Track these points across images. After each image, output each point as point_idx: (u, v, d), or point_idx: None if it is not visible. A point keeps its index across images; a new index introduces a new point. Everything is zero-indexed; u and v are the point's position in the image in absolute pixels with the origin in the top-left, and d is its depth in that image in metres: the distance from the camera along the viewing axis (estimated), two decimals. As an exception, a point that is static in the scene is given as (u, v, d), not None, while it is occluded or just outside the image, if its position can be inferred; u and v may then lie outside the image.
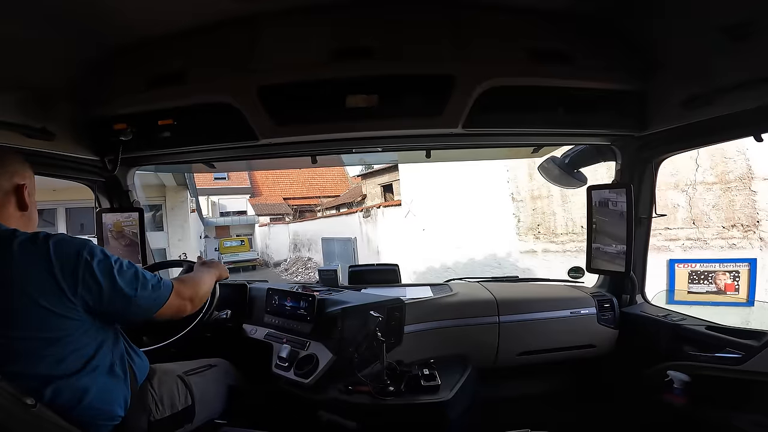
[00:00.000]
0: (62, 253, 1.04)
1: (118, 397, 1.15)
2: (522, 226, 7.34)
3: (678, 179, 5.34)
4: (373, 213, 10.77)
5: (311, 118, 1.62)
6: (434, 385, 1.64)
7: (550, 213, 6.94)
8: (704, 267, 4.79)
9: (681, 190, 5.35)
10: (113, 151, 1.77)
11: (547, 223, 6.99)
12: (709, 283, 4.71)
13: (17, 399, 0.94)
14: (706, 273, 4.76)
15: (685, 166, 5.25)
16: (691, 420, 1.63)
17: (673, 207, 5.38)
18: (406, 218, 9.18)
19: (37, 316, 1.01)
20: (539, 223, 7.10)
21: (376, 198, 16.36)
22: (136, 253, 2.12)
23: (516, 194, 7.44)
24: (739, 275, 4.64)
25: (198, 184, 23.68)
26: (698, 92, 1.43)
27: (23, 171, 1.17)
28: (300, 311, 1.88)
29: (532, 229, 7.20)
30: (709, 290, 4.69)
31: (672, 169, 5.33)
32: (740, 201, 4.93)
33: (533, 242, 7.15)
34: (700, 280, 4.76)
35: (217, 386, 1.60)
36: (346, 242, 12.14)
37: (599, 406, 2.06)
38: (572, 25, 1.58)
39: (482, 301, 2.09)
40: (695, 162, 5.17)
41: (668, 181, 5.34)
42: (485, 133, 1.75)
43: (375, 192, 17.06)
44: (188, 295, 1.31)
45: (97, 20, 1.41)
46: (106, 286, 1.08)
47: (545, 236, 7.01)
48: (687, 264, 4.88)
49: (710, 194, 5.17)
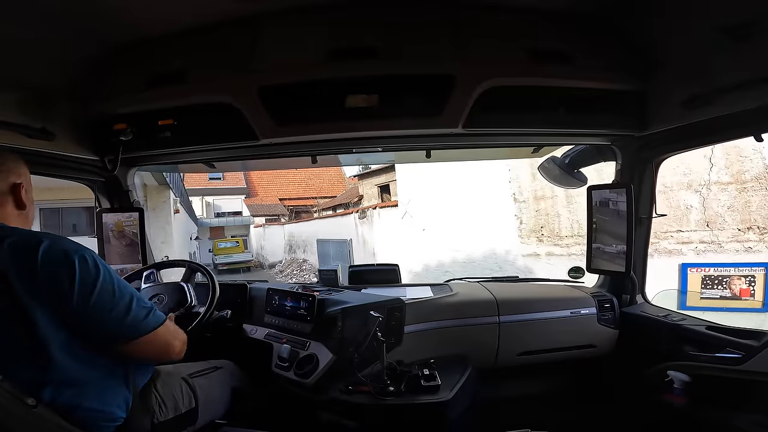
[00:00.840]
0: (49, 256, 1.01)
1: (118, 399, 1.15)
2: (524, 228, 7.03)
3: (691, 179, 5.13)
4: (369, 214, 10.63)
5: (311, 118, 1.63)
6: (434, 385, 1.64)
7: (554, 214, 6.68)
8: (718, 271, 4.63)
9: (694, 190, 5.13)
10: (113, 151, 1.77)
11: (551, 225, 6.74)
12: (724, 288, 4.57)
13: (18, 399, 0.94)
14: (721, 278, 4.60)
15: (699, 165, 5.03)
16: (691, 420, 1.63)
17: (685, 208, 5.17)
18: (402, 219, 8.92)
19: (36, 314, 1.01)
20: (543, 225, 6.80)
21: (373, 199, 16.08)
22: (136, 253, 2.12)
23: (518, 195, 7.11)
24: (755, 280, 4.48)
25: (192, 185, 23.61)
26: (698, 92, 1.43)
27: (19, 170, 1.17)
28: (300, 311, 1.88)
29: (535, 231, 6.90)
30: (723, 295, 4.55)
31: (685, 168, 5.12)
32: (757, 202, 4.72)
33: (536, 245, 6.90)
34: (714, 285, 4.62)
35: (222, 388, 1.60)
36: (342, 244, 11.95)
37: (599, 406, 2.06)
38: (572, 25, 1.58)
39: (482, 301, 2.09)
40: (709, 161, 4.96)
41: (681, 180, 5.14)
42: (485, 133, 1.75)
43: (372, 193, 16.76)
44: (181, 338, 1.26)
45: (97, 20, 1.42)
46: (78, 297, 1.02)
47: (549, 239, 6.76)
48: (700, 268, 4.73)
49: (725, 195, 4.95)
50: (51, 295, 1.01)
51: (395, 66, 1.54)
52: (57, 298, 1.01)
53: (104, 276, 1.07)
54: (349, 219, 11.94)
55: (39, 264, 1.00)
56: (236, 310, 2.03)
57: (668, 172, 5.16)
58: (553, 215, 6.71)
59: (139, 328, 1.11)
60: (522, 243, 7.05)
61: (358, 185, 19.11)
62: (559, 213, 6.61)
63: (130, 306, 1.10)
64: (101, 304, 1.05)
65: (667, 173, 5.14)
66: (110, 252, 2.09)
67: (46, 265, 1.01)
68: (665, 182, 5.20)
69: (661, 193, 5.18)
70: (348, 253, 11.48)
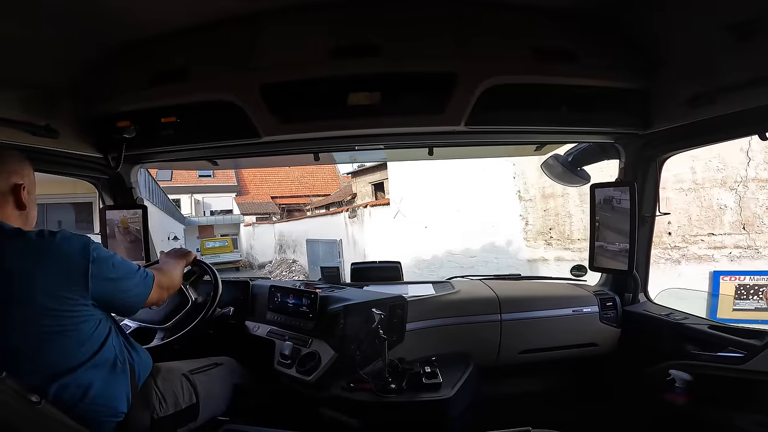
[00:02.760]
0: (71, 249, 1.08)
1: (120, 393, 1.16)
2: (531, 230, 6.36)
3: (726, 175, 4.52)
4: (359, 213, 10.10)
5: (313, 115, 1.62)
6: (436, 382, 1.64)
7: (565, 214, 6.06)
8: (755, 280, 4.11)
9: (729, 188, 4.50)
10: (117, 148, 1.77)
11: (561, 227, 6.14)
12: (759, 299, 4.11)
13: (22, 396, 0.95)
14: (757, 287, 4.10)
15: (735, 158, 4.43)
16: (692, 419, 1.63)
17: (719, 208, 4.59)
18: (395, 219, 8.26)
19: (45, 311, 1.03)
20: (552, 226, 6.12)
21: (367, 197, 15.72)
22: (139, 250, 2.13)
23: (524, 192, 6.43)
24: (796, 290, 3.89)
25: (181, 182, 23.22)
26: (702, 90, 1.42)
27: (21, 170, 1.17)
28: (302, 308, 1.89)
29: (542, 233, 6.24)
30: (758, 307, 4.09)
31: (718, 163, 4.52)
32: (801, 202, 4.07)
33: (544, 249, 6.29)
34: (749, 295, 4.13)
35: (223, 385, 1.61)
36: (331, 244, 11.54)
37: (601, 404, 2.06)
38: (575, 23, 1.57)
39: (484, 298, 2.09)
40: (746, 154, 4.38)
41: (714, 177, 4.56)
42: (488, 130, 1.75)
43: (366, 191, 16.44)
44: (166, 284, 1.38)
45: (101, 19, 1.42)
46: (112, 279, 1.14)
47: (559, 242, 6.16)
48: (734, 277, 4.19)
49: (764, 193, 4.36)
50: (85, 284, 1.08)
51: (397, 63, 1.54)
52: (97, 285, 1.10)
53: (112, 254, 1.19)
54: (340, 218, 11.49)
55: (64, 257, 1.06)
56: (239, 308, 2.04)
57: (700, 166, 4.61)
58: (563, 215, 6.11)
59: (147, 290, 1.26)
60: (528, 246, 6.38)
61: (351, 183, 18.69)
62: (570, 213, 6.04)
63: (136, 274, 1.23)
64: (124, 277, 1.19)
65: (698, 167, 4.60)
66: (114, 248, 2.11)
67: (71, 258, 1.07)
68: (696, 179, 4.67)
69: (692, 191, 4.71)
70: (338, 254, 11.00)
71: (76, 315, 1.07)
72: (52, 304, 1.03)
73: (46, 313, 1.03)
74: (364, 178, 16.62)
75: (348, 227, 10.77)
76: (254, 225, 22.05)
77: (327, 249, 11.87)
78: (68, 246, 1.08)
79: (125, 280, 1.19)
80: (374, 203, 10.47)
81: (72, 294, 1.06)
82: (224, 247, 20.40)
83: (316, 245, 12.84)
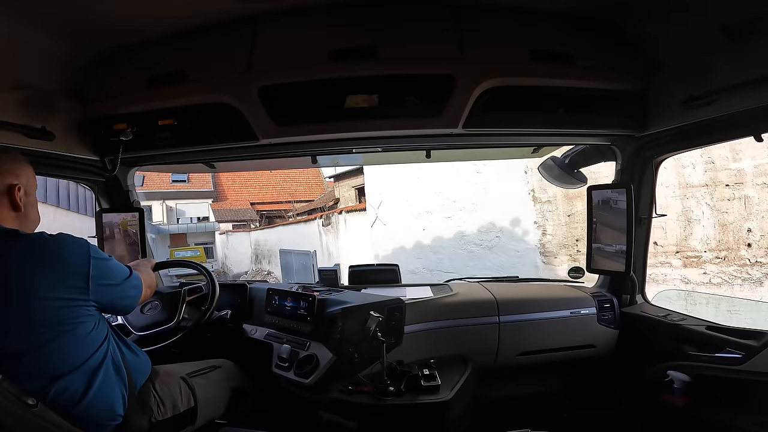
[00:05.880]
0: (71, 252, 1.08)
1: (117, 396, 1.16)
2: (550, 242, 4.93)
3: None
4: (333, 220, 8.87)
5: (311, 118, 1.62)
6: (434, 385, 1.64)
7: None
8: None
9: None
10: (113, 151, 1.77)
11: None
12: None
13: (18, 399, 0.94)
14: None
15: None
16: (691, 420, 1.63)
17: None
18: (372, 228, 6.78)
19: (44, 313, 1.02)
20: (579, 237, 4.69)
21: (350, 202, 14.28)
22: (137, 253, 2.12)
23: (540, 192, 4.99)
24: None
25: (152, 187, 21.75)
26: (698, 92, 1.43)
27: (17, 170, 1.16)
28: (300, 311, 1.88)
29: (566, 246, 4.82)
30: None
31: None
32: None
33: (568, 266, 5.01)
34: None
35: (220, 388, 1.61)
36: (305, 256, 10.41)
37: (599, 406, 2.06)
38: (572, 25, 1.58)
39: (482, 301, 2.09)
40: None
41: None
42: (485, 133, 1.75)
43: (349, 195, 14.98)
44: (149, 283, 1.41)
45: (97, 21, 1.42)
46: (111, 282, 1.16)
47: None
48: None
49: None
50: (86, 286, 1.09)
51: (395, 66, 1.54)
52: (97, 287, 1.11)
53: (108, 257, 1.21)
54: (314, 226, 10.23)
55: (64, 260, 1.07)
56: (236, 311, 2.03)
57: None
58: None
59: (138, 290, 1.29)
60: (545, 263, 4.86)
61: (334, 188, 17.08)
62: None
63: (129, 275, 1.25)
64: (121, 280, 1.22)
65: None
66: (111, 252, 2.09)
67: (72, 261, 1.08)
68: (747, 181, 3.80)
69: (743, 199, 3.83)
70: (312, 267, 9.82)
71: (75, 318, 1.07)
72: (51, 306, 1.03)
73: (43, 315, 1.02)
74: (347, 182, 15.34)
75: (322, 236, 9.67)
76: (229, 233, 20.05)
77: (300, 261, 10.82)
78: (68, 249, 1.08)
79: (123, 283, 1.21)
80: (350, 209, 9.00)
81: (71, 297, 1.06)
82: (196, 257, 18.14)
83: (289, 256, 11.76)
